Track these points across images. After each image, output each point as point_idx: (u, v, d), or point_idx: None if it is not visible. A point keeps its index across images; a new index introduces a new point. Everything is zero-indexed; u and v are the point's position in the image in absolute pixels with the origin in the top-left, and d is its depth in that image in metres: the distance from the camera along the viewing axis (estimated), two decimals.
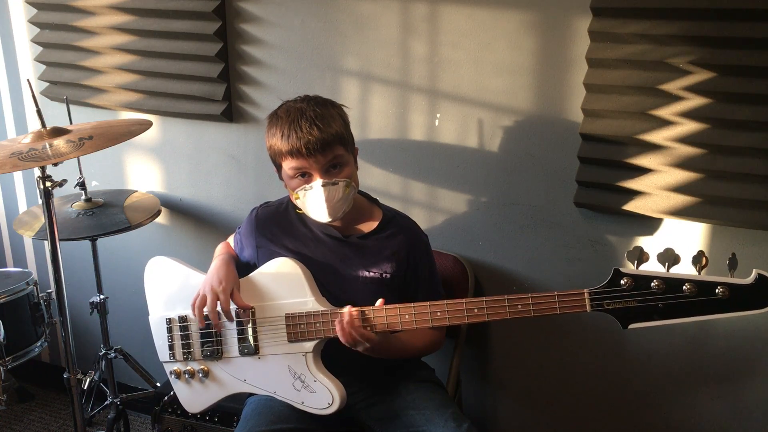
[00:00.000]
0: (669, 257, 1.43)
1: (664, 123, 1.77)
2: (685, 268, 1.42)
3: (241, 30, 2.22)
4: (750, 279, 1.38)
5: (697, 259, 1.41)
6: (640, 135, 1.79)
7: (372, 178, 2.17)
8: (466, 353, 2.16)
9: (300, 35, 2.15)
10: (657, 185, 1.80)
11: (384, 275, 1.77)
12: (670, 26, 1.70)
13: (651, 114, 1.77)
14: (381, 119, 2.13)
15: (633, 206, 1.84)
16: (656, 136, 1.77)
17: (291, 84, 2.19)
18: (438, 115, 2.06)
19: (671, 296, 1.42)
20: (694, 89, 1.72)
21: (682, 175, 1.78)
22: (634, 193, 1.84)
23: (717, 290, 1.39)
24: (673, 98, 1.75)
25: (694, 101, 1.73)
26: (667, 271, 1.43)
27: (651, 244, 1.88)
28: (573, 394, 2.15)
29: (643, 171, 1.82)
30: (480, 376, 2.27)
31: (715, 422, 1.99)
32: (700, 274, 1.41)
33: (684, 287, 1.41)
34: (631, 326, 1.46)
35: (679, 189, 1.78)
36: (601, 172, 1.88)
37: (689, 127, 1.75)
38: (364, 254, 1.78)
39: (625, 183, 1.84)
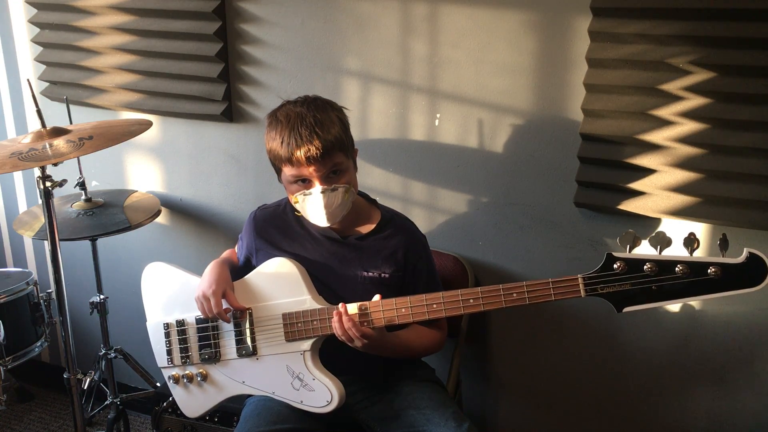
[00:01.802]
0: (661, 240, 1.44)
1: (664, 123, 1.77)
2: (678, 251, 1.42)
3: (241, 30, 2.22)
4: (741, 258, 1.39)
5: (689, 241, 1.42)
6: (640, 135, 1.79)
7: (372, 178, 2.17)
8: (466, 353, 2.16)
9: (300, 35, 2.15)
10: (657, 185, 1.80)
11: (382, 275, 1.77)
12: (670, 26, 1.70)
13: (651, 114, 1.77)
14: (381, 119, 2.13)
15: (633, 206, 1.84)
16: (656, 136, 1.77)
17: (291, 84, 2.19)
18: (438, 115, 2.06)
19: (664, 278, 1.43)
20: (694, 89, 1.72)
21: (682, 175, 1.78)
22: (634, 193, 1.84)
23: (709, 270, 1.40)
24: (673, 98, 1.75)
25: (694, 101, 1.73)
26: (660, 253, 1.44)
27: None
28: (573, 394, 2.15)
29: (643, 171, 1.82)
30: (480, 376, 2.27)
31: (715, 422, 1.98)
32: (692, 255, 1.42)
33: (676, 269, 1.42)
34: (626, 309, 1.47)
35: (679, 189, 1.78)
36: (601, 172, 1.87)
37: (689, 127, 1.75)
38: (362, 255, 1.78)
39: (625, 183, 1.83)
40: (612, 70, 1.79)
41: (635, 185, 1.82)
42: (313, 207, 1.70)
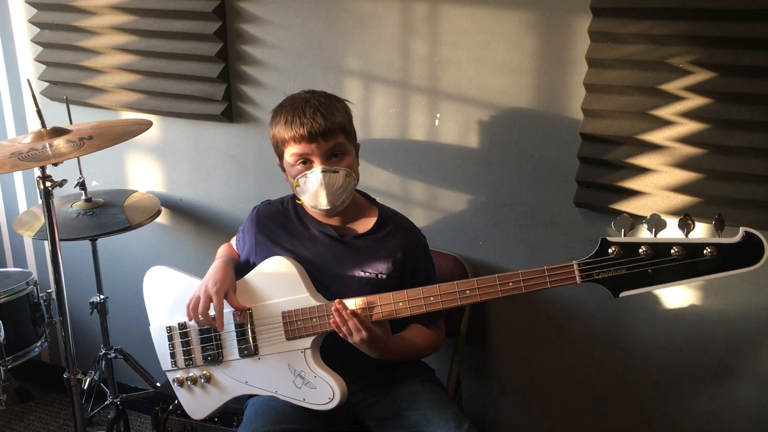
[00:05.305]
0: (655, 223, 1.43)
1: (664, 123, 1.77)
2: (672, 233, 1.41)
3: (241, 30, 2.22)
4: (737, 237, 1.38)
5: (684, 223, 1.41)
6: (640, 135, 1.79)
7: (372, 178, 2.17)
8: (466, 353, 2.16)
9: (300, 35, 2.15)
10: (657, 185, 1.80)
11: (380, 276, 1.77)
12: (670, 26, 1.70)
13: (651, 114, 1.77)
14: (381, 119, 2.13)
15: (633, 206, 1.84)
16: (656, 136, 1.78)
17: (291, 84, 2.19)
18: (438, 115, 2.06)
19: (660, 261, 1.42)
20: (694, 89, 1.72)
21: (682, 175, 1.78)
22: (634, 193, 1.84)
23: (705, 251, 1.39)
24: (673, 98, 1.75)
25: (694, 101, 1.73)
26: (655, 236, 1.43)
27: None
28: (573, 394, 2.15)
29: (643, 171, 1.82)
30: (480, 376, 2.27)
31: (715, 422, 1.99)
32: (687, 237, 1.41)
33: (672, 251, 1.41)
34: (622, 294, 1.45)
35: (679, 189, 1.78)
36: (601, 172, 1.88)
37: (689, 127, 1.75)
38: (360, 254, 1.78)
39: (625, 183, 1.84)
40: (612, 70, 1.80)
41: (635, 185, 1.82)
42: (314, 187, 1.70)
